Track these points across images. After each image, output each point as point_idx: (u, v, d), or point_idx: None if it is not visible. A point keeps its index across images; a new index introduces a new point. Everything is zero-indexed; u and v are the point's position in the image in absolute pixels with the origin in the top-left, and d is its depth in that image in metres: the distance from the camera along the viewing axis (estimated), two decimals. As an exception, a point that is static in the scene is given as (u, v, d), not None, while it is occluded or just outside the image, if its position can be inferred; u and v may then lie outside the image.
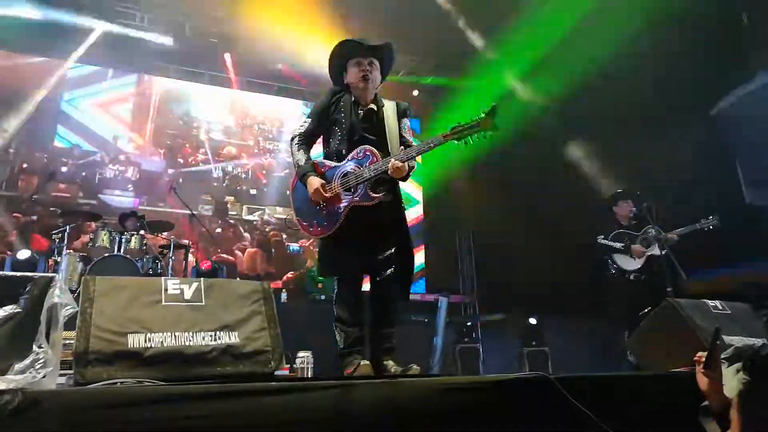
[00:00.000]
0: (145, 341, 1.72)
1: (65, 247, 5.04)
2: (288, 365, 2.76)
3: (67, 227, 5.10)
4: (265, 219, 7.65)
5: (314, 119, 2.79)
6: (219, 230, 7.28)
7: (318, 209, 2.65)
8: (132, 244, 5.16)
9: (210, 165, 7.63)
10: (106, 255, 4.95)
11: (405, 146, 2.68)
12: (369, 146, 2.60)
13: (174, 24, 6.98)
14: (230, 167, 7.75)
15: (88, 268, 4.78)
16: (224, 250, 7.23)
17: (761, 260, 4.39)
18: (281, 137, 8.05)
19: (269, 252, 7.52)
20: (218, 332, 1.85)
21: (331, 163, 2.69)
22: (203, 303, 1.91)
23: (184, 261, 5.91)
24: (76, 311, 1.67)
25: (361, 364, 2.45)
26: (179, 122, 7.67)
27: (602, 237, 5.04)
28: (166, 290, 1.88)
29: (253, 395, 1.44)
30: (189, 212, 6.01)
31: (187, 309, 1.87)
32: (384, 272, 2.63)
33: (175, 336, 1.77)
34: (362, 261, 2.65)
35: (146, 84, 7.59)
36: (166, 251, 5.51)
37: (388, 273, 2.63)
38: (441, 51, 7.58)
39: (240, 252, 7.35)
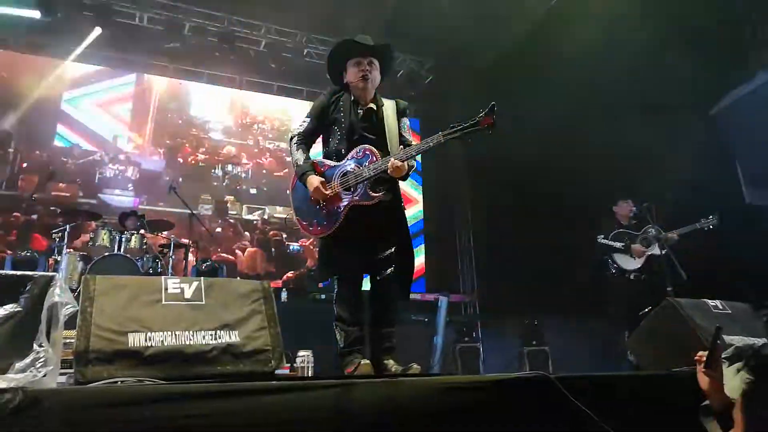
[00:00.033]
0: (146, 340, 1.72)
1: (65, 247, 5.03)
2: (288, 364, 2.76)
3: (67, 226, 5.10)
4: (265, 218, 7.65)
5: (313, 119, 2.79)
6: (219, 230, 7.28)
7: (318, 209, 2.65)
8: (132, 244, 5.16)
9: (210, 164, 7.63)
10: (106, 254, 4.96)
11: (404, 145, 2.68)
12: (368, 145, 2.60)
13: (173, 23, 6.97)
14: (230, 167, 7.75)
15: (89, 268, 4.78)
16: (224, 250, 7.23)
17: (761, 260, 4.39)
18: (281, 137, 8.05)
19: (269, 251, 7.51)
20: (218, 331, 1.85)
21: (331, 163, 2.69)
22: (203, 302, 1.91)
23: (184, 260, 5.92)
24: (77, 310, 1.67)
25: (362, 364, 2.45)
26: (179, 122, 7.66)
27: (602, 236, 5.04)
28: (167, 289, 1.88)
29: (254, 394, 1.44)
30: (189, 211, 6.01)
31: (188, 308, 1.87)
32: (384, 271, 2.63)
33: (176, 335, 1.77)
34: (362, 260, 2.65)
35: (146, 83, 7.59)
36: (166, 250, 5.51)
37: (388, 272, 2.63)
38: (441, 50, 7.57)
39: (240, 251, 7.35)
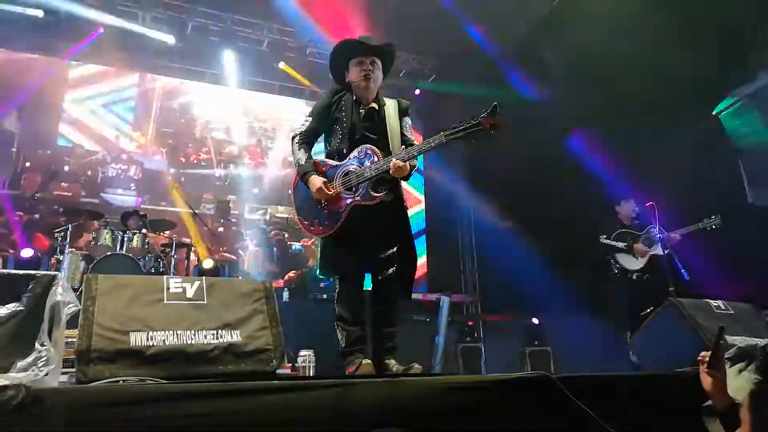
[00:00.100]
0: (147, 339, 1.72)
1: (67, 246, 5.05)
2: (289, 364, 2.76)
3: (70, 226, 5.11)
4: (267, 218, 7.66)
5: (315, 118, 2.78)
6: (221, 229, 7.29)
7: (319, 208, 2.64)
8: (134, 243, 5.17)
9: (212, 164, 7.63)
10: (109, 254, 4.96)
11: (406, 145, 2.68)
12: (370, 145, 2.60)
13: (176, 22, 6.98)
14: (232, 166, 7.76)
15: (91, 267, 4.79)
16: (226, 249, 7.23)
17: (764, 260, 4.38)
18: (283, 136, 8.05)
19: (271, 251, 7.52)
20: (220, 331, 1.85)
21: (333, 162, 2.69)
22: (205, 301, 1.91)
23: (186, 260, 5.92)
24: (79, 309, 1.68)
25: (363, 363, 2.44)
26: (181, 121, 7.68)
27: (604, 236, 5.03)
28: (168, 289, 1.88)
29: (255, 394, 1.44)
30: (191, 211, 6.02)
31: (189, 307, 1.87)
32: (386, 271, 2.63)
33: (177, 334, 1.77)
34: (364, 260, 2.65)
35: (148, 83, 7.60)
36: (168, 250, 5.52)
37: (390, 272, 2.63)
38: (443, 50, 7.56)
39: (242, 251, 7.36)
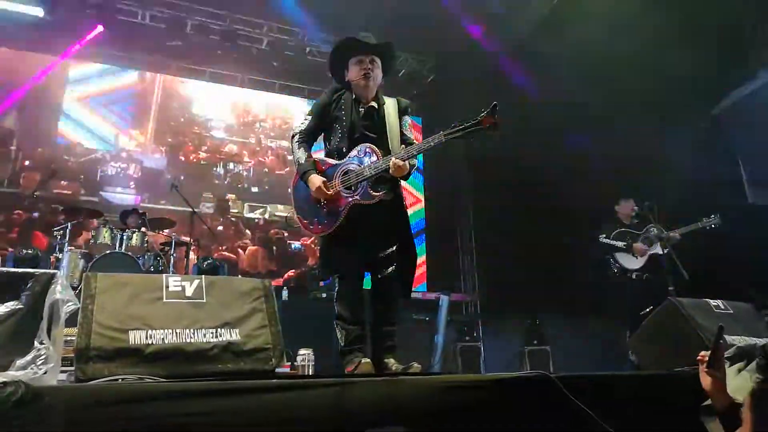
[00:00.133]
0: (147, 338, 1.72)
1: (67, 244, 5.04)
2: (289, 363, 2.76)
3: (69, 224, 5.10)
4: (267, 217, 7.65)
5: (315, 117, 2.78)
6: (220, 228, 7.28)
7: (319, 207, 2.64)
8: (133, 242, 5.17)
9: (211, 163, 7.63)
10: (108, 252, 4.96)
11: (406, 144, 2.68)
12: (370, 144, 2.59)
13: (175, 21, 6.97)
14: (231, 165, 7.75)
15: (90, 265, 4.79)
16: (226, 248, 7.23)
17: (764, 260, 4.38)
18: (282, 135, 8.05)
19: (270, 250, 7.52)
20: (219, 329, 1.85)
21: (332, 161, 2.68)
22: (204, 300, 1.91)
23: (186, 258, 5.92)
24: (78, 308, 1.68)
25: (362, 362, 2.44)
26: (181, 120, 7.66)
27: (604, 236, 5.03)
28: (168, 287, 1.88)
29: (254, 392, 1.44)
30: (190, 210, 6.01)
31: (189, 306, 1.87)
32: (385, 270, 2.63)
33: (176, 333, 1.77)
34: (363, 259, 2.65)
35: (148, 81, 7.59)
36: (168, 248, 5.52)
37: (389, 271, 2.63)
38: (443, 49, 7.56)
39: (241, 250, 7.36)
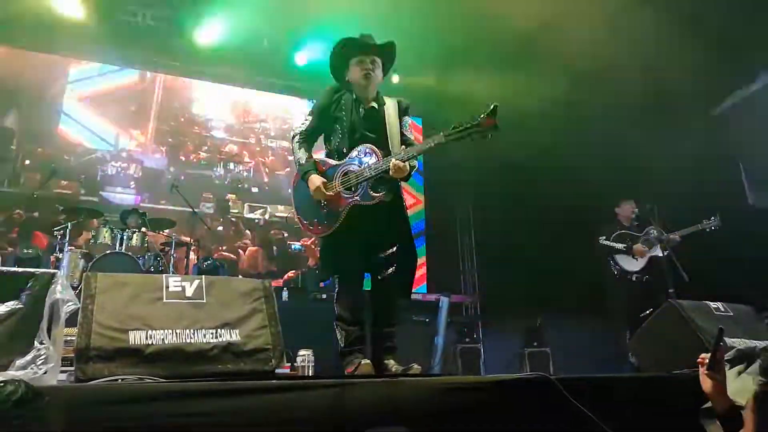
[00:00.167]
0: (146, 338, 1.72)
1: (67, 244, 5.04)
2: (289, 363, 2.77)
3: (69, 224, 5.10)
4: (267, 217, 7.65)
5: (315, 117, 2.79)
6: (220, 228, 7.28)
7: (319, 208, 2.65)
8: (133, 242, 5.17)
9: (212, 163, 7.63)
10: (108, 252, 4.96)
11: (406, 145, 2.68)
12: (370, 145, 2.60)
13: (176, 21, 6.97)
14: (232, 165, 7.75)
15: (90, 265, 4.78)
16: (226, 248, 7.23)
17: (764, 262, 4.37)
18: (283, 135, 8.05)
19: (271, 250, 7.51)
20: (219, 330, 1.84)
21: (332, 162, 2.69)
22: (204, 300, 1.91)
23: (186, 258, 5.92)
24: (78, 308, 1.68)
25: (362, 363, 2.44)
26: (181, 119, 7.66)
27: (603, 238, 5.03)
28: (168, 287, 1.88)
29: (254, 393, 1.44)
30: (190, 210, 6.01)
31: (189, 306, 1.87)
32: (385, 271, 2.63)
33: (176, 333, 1.77)
34: (363, 260, 2.65)
35: (148, 81, 7.59)
36: (168, 249, 5.52)
37: (390, 272, 2.63)
38: (443, 49, 7.55)
39: (241, 250, 7.35)
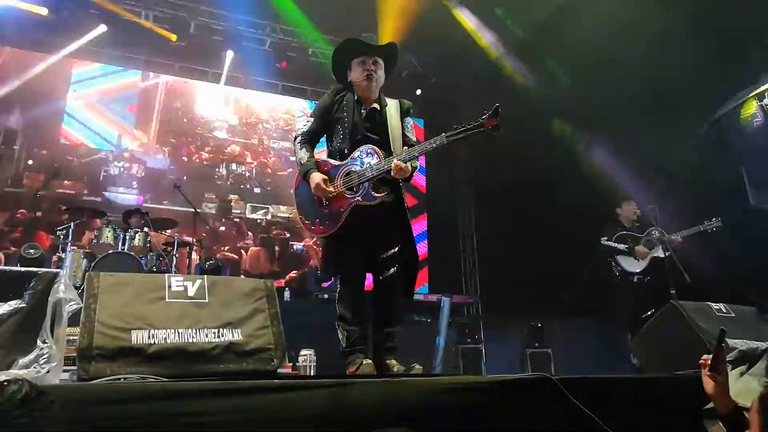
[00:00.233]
0: (149, 338, 1.72)
1: (70, 244, 5.06)
2: (291, 363, 2.77)
3: (72, 224, 5.12)
4: (269, 218, 7.66)
5: (317, 118, 2.79)
6: (222, 228, 7.30)
7: (321, 208, 2.65)
8: (136, 242, 5.18)
9: (214, 163, 7.64)
10: (111, 252, 4.98)
11: (408, 145, 2.68)
12: (372, 145, 2.60)
13: (179, 21, 6.99)
14: (234, 166, 7.76)
15: (93, 265, 4.80)
16: (228, 248, 7.24)
17: (766, 263, 4.36)
18: (285, 136, 8.06)
19: (273, 250, 7.53)
20: (221, 329, 1.84)
21: (334, 162, 2.69)
22: (207, 300, 1.90)
23: (188, 258, 5.93)
24: (80, 307, 1.68)
25: (364, 363, 2.44)
26: (183, 120, 7.69)
27: (605, 238, 5.02)
28: (170, 287, 1.88)
29: (256, 393, 1.44)
30: (193, 210, 6.03)
31: (191, 306, 1.87)
32: (387, 271, 2.63)
33: (179, 333, 1.77)
34: (365, 260, 2.65)
35: (151, 81, 7.61)
36: (170, 249, 5.53)
37: (391, 272, 2.63)
38: (444, 50, 7.56)
39: (243, 250, 7.36)
